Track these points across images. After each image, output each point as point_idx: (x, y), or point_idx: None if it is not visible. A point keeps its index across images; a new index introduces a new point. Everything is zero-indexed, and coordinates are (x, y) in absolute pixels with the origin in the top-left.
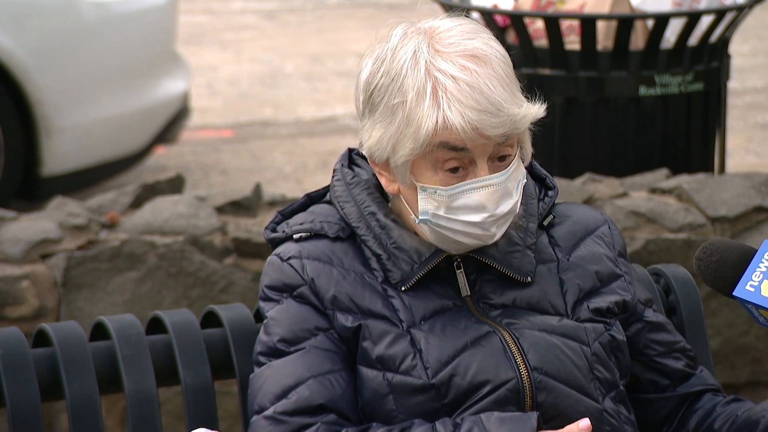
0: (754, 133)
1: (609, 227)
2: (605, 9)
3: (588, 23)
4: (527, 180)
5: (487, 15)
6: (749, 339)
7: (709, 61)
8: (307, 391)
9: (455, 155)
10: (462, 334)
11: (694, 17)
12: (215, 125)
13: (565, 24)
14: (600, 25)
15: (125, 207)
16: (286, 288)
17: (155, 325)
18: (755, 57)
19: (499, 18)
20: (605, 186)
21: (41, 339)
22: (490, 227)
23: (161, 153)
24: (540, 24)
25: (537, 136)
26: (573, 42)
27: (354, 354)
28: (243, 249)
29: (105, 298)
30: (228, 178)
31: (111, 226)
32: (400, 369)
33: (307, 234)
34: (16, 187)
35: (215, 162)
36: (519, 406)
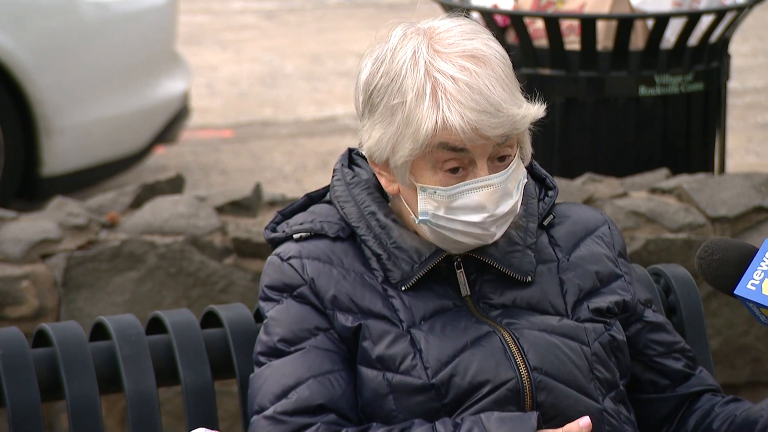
0: (754, 133)
1: (609, 227)
2: (605, 9)
3: (588, 23)
4: (527, 180)
5: (487, 15)
6: (749, 339)
7: (709, 61)
8: (307, 391)
9: (455, 156)
10: (462, 334)
11: (694, 17)
12: (215, 125)
13: (565, 24)
14: (600, 25)
15: (125, 207)
16: (286, 288)
17: (155, 325)
18: (755, 57)
19: (499, 18)
20: (605, 186)
21: (41, 339)
22: (489, 227)
23: (161, 153)
24: (540, 24)
25: (537, 136)
26: (573, 42)
27: (354, 354)
28: (243, 249)
29: (105, 298)
30: (228, 178)
31: (111, 226)
32: (400, 369)
33: (307, 234)
34: (16, 187)
35: (215, 162)
36: (519, 406)
